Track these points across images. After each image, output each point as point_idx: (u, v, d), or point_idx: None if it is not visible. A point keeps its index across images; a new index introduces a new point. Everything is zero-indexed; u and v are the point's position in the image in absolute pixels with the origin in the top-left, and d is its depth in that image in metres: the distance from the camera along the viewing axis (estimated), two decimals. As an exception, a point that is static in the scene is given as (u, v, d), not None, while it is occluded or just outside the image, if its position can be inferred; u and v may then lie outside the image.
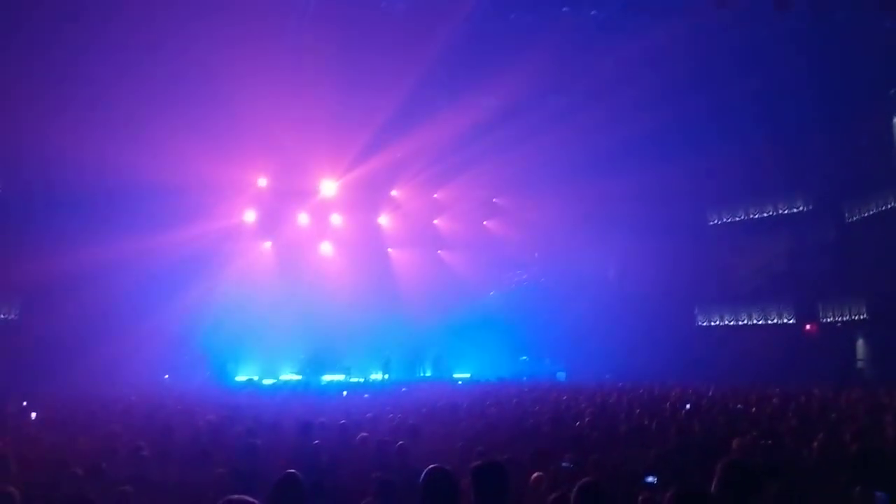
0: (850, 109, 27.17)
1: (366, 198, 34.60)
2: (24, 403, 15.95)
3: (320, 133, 28.07)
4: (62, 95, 24.16)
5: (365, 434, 10.19)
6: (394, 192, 35.26)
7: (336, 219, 35.02)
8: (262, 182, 33.32)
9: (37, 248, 25.51)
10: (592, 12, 24.00)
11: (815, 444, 8.25)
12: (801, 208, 31.78)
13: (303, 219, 34.73)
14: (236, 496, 3.54)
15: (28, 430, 12.06)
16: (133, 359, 26.44)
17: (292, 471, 5.30)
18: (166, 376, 27.88)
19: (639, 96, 26.36)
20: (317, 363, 30.97)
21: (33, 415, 14.00)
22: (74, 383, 22.01)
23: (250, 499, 3.51)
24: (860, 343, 29.19)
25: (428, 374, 33.36)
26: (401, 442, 9.29)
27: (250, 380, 29.55)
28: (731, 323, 33.32)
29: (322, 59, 25.22)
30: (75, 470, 7.69)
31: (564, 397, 17.37)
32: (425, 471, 4.26)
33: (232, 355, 31.42)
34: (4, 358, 24.33)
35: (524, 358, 34.84)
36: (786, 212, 32.22)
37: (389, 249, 36.26)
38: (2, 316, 28.61)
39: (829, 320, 30.37)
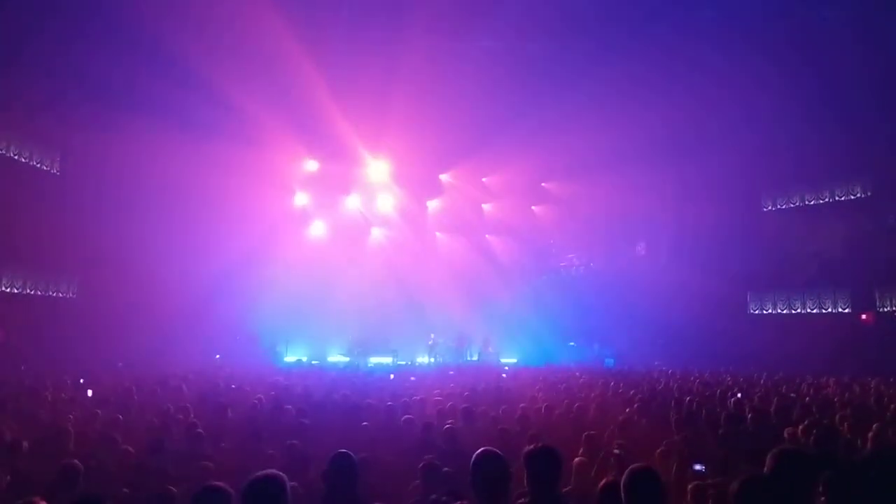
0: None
1: (415, 182, 34.70)
2: (81, 381, 16.35)
3: (370, 118, 28.23)
4: (119, 81, 24.65)
5: (411, 416, 10.25)
6: (443, 177, 35.28)
7: (385, 203, 35.19)
8: (313, 166, 33.65)
9: (95, 229, 26.07)
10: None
11: (870, 434, 8.08)
12: (858, 194, 30.96)
13: (352, 203, 34.99)
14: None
15: (85, 406, 12.38)
16: (187, 339, 27.00)
17: (345, 451, 5.36)
18: (217, 356, 28.38)
19: (694, 81, 25.96)
20: (364, 346, 31.25)
21: (90, 392, 14.31)
22: (130, 362, 22.56)
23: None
24: (919, 334, 28.43)
25: (475, 358, 33.39)
26: (448, 424, 9.32)
27: (299, 360, 29.91)
28: (785, 311, 32.70)
29: (370, 43, 25.33)
30: (128, 448, 7.89)
31: (612, 383, 17.27)
32: (476, 453, 4.27)
33: (282, 337, 31.92)
34: (63, 335, 24.98)
35: (572, 344, 34.62)
36: (843, 198, 31.42)
37: (437, 233, 36.33)
38: (60, 294, 29.36)
39: (886, 309, 29.64)
